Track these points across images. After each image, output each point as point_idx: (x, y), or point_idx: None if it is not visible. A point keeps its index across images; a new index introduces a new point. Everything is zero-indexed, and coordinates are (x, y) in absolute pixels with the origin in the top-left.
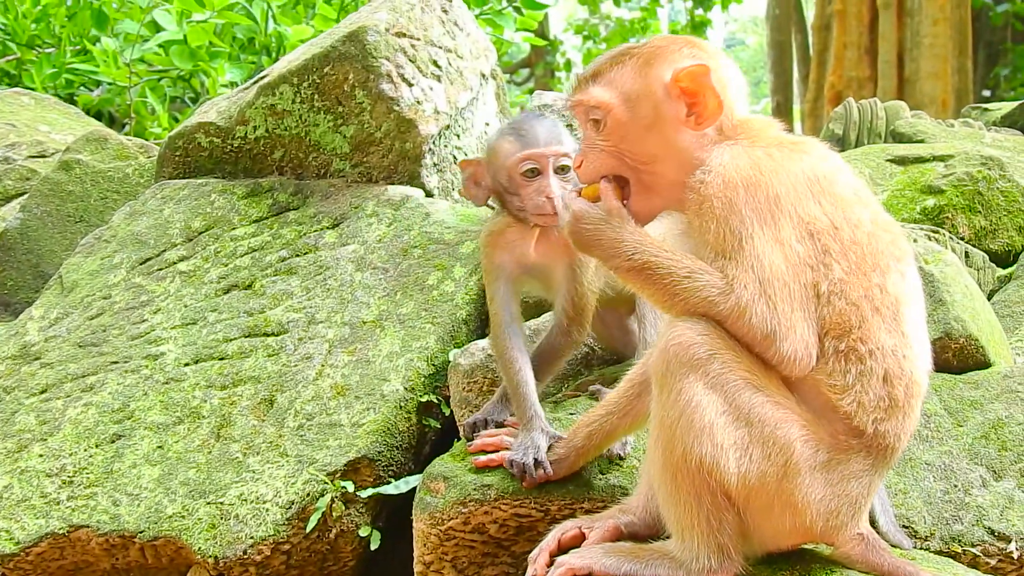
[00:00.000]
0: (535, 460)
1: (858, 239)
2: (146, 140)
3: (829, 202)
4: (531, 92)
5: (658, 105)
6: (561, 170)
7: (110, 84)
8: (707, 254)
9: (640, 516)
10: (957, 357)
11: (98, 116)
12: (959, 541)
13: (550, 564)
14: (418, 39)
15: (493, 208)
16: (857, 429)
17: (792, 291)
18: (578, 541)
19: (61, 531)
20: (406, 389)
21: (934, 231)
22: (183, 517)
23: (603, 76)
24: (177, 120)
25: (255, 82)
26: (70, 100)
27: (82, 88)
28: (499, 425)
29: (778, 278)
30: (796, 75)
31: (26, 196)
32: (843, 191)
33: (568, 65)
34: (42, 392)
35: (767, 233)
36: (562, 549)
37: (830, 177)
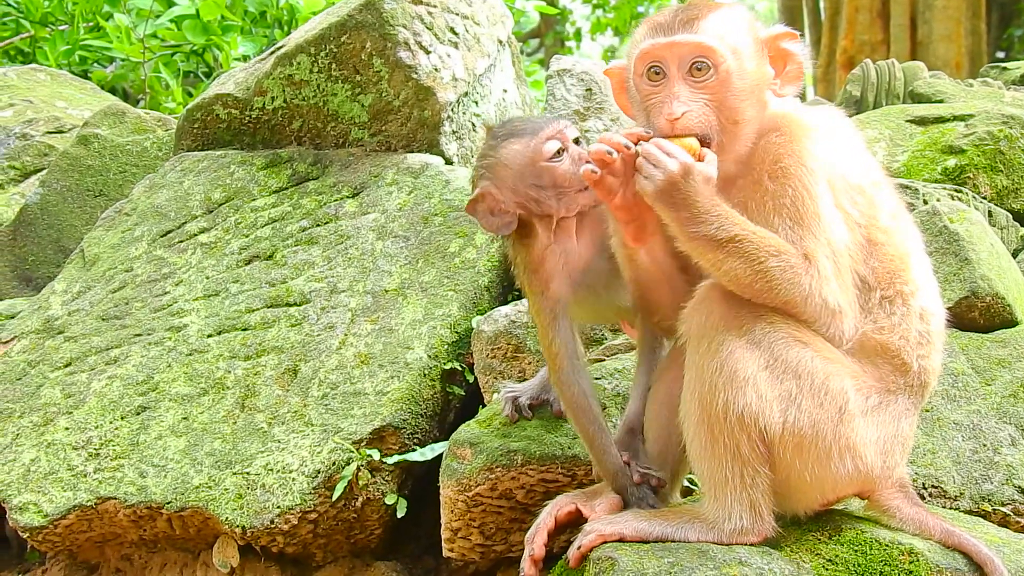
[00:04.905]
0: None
1: (887, 187)
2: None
3: (863, 157)
4: (541, 62)
5: (760, 64)
6: (576, 142)
7: (123, 60)
8: (781, 222)
9: None
10: (984, 316)
11: (112, 92)
12: (989, 500)
13: (548, 544)
14: (435, 6)
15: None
16: (904, 366)
17: (848, 264)
18: (573, 518)
19: (89, 503)
20: (430, 357)
21: (957, 191)
22: (210, 488)
23: (706, 21)
24: (191, 95)
25: (272, 52)
26: (84, 77)
27: (96, 64)
28: (536, 405)
29: (842, 251)
30: (808, 40)
31: (45, 172)
32: (862, 145)
33: (578, 34)
34: (66, 366)
35: (829, 198)
36: (558, 527)
37: (854, 134)
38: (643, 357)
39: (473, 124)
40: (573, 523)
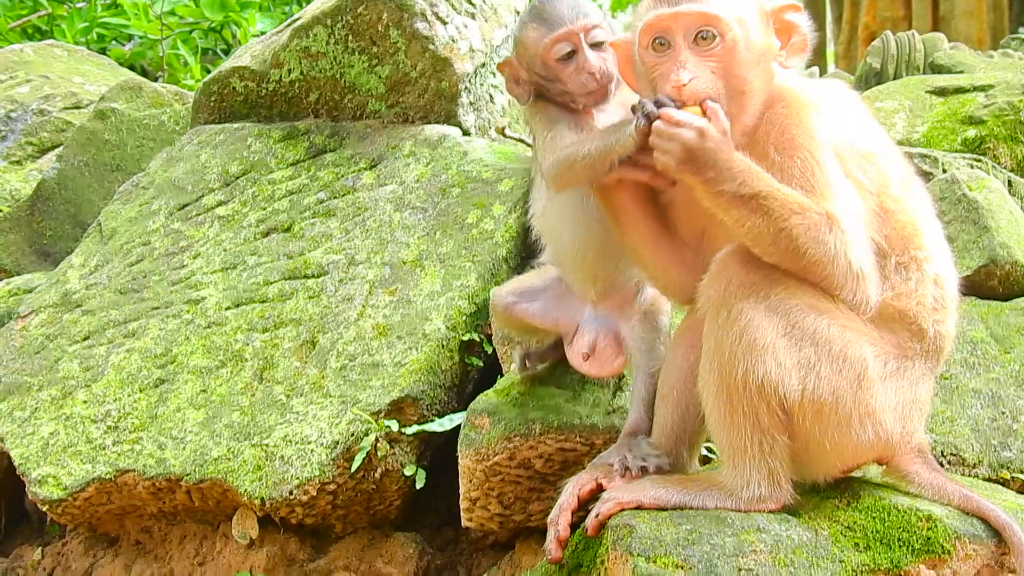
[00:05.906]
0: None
1: (896, 156)
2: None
3: (871, 127)
4: None
5: (765, 35)
6: (596, 46)
7: (141, 37)
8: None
9: None
10: (1003, 284)
11: (131, 70)
12: (1008, 467)
13: (572, 523)
14: None
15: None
16: (921, 331)
17: (864, 230)
18: (596, 494)
19: (108, 476)
20: (448, 328)
21: (976, 160)
22: (228, 460)
23: None
24: (209, 72)
25: (288, 25)
26: (102, 54)
27: (114, 42)
28: (545, 358)
29: (860, 216)
30: (829, 16)
31: (62, 147)
32: (870, 117)
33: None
34: (85, 339)
35: (838, 168)
36: (581, 505)
37: (860, 105)
38: (638, 369)
39: (491, 95)
40: (595, 499)
